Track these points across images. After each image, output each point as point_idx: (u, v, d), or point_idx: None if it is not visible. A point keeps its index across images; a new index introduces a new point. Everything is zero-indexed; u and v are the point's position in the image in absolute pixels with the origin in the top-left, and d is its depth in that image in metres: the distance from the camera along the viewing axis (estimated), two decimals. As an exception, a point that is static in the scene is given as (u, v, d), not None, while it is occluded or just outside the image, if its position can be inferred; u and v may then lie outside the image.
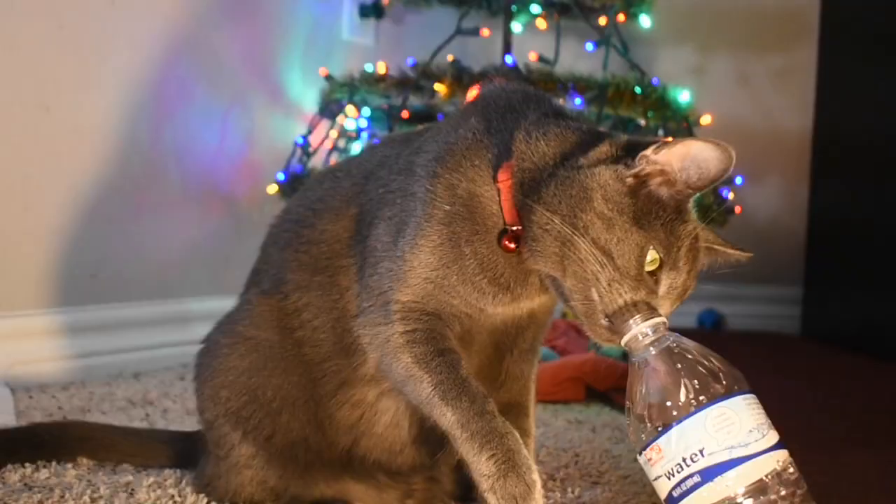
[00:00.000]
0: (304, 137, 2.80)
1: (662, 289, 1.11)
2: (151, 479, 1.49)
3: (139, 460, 1.59)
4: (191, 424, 1.78)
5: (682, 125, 2.71)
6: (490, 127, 1.24)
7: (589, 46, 2.79)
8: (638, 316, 1.06)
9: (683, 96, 2.65)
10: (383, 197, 1.28)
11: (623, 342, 1.08)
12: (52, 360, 2.26)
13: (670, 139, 1.11)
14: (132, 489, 1.45)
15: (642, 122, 2.65)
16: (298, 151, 2.78)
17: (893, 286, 3.07)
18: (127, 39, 2.45)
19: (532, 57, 2.71)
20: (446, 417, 1.17)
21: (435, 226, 1.20)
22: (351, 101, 2.70)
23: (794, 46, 3.73)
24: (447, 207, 1.20)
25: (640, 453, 1.04)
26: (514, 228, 1.18)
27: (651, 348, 1.05)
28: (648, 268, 1.09)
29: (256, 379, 1.33)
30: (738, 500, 0.98)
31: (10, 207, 2.21)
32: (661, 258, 1.10)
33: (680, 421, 1.00)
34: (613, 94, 2.52)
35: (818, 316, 3.55)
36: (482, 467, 1.14)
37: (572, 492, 1.55)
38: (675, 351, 1.05)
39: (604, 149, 1.15)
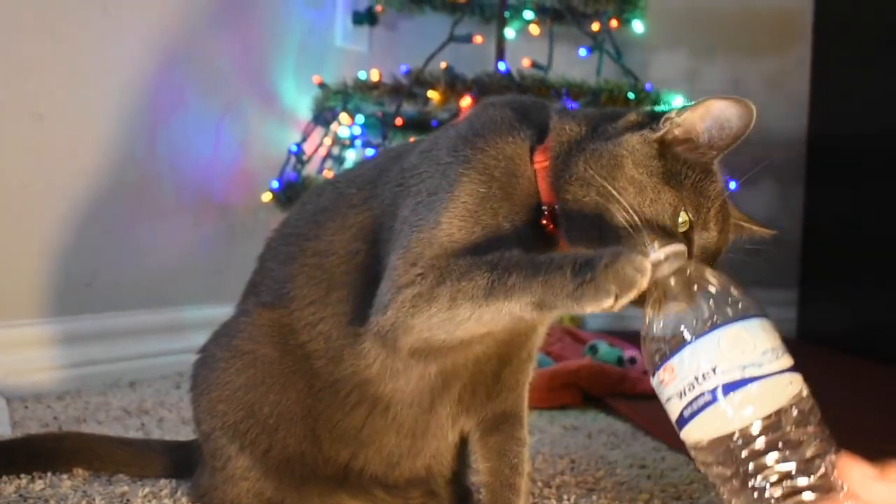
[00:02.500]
0: (298, 145, 2.80)
1: (695, 249, 1.12)
2: (147, 490, 1.49)
3: (135, 470, 1.59)
4: (186, 434, 1.78)
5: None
6: (518, 115, 1.25)
7: (582, 52, 2.80)
8: (656, 243, 1.06)
9: (677, 101, 2.66)
10: (398, 193, 1.26)
11: None
12: (48, 369, 2.26)
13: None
14: (128, 499, 1.45)
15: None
16: (292, 159, 2.79)
17: (889, 288, 3.07)
18: (120, 47, 2.45)
19: (525, 63, 2.71)
20: (511, 300, 1.09)
21: (475, 198, 1.18)
22: (345, 109, 2.71)
23: (788, 50, 3.74)
24: (483, 189, 1.18)
25: (654, 374, 1.03)
26: (553, 207, 1.18)
27: (666, 269, 1.05)
28: (680, 229, 1.11)
29: (254, 395, 1.32)
30: (751, 430, 0.97)
31: (3, 217, 2.21)
32: (690, 219, 1.11)
33: (693, 340, 0.99)
34: (607, 100, 2.52)
35: (814, 319, 3.56)
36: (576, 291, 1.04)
37: (568, 499, 1.55)
38: (691, 274, 1.05)
39: (630, 118, 1.18)
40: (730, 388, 0.97)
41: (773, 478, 0.97)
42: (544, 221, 1.19)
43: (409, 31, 3.21)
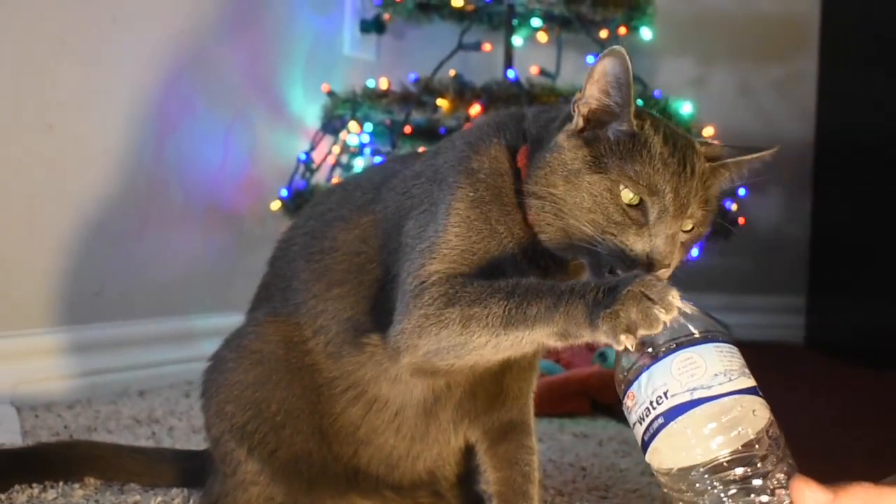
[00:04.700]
0: (307, 153, 2.80)
1: (652, 216, 1.11)
2: (159, 499, 1.49)
3: (146, 479, 1.59)
4: (197, 442, 1.79)
5: (684, 137, 2.71)
6: (503, 124, 1.29)
7: (590, 59, 2.80)
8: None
9: (685, 108, 2.66)
10: (403, 203, 1.29)
11: None
12: (58, 378, 2.26)
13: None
14: (139, 509, 1.45)
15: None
16: (301, 167, 2.79)
17: (897, 295, 3.07)
18: (129, 57, 2.45)
19: (534, 70, 2.72)
20: (533, 330, 1.09)
21: (467, 204, 1.21)
22: (353, 117, 2.71)
23: (795, 56, 3.74)
24: (473, 194, 1.21)
25: (623, 402, 1.03)
26: None
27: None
28: (632, 203, 1.12)
29: (261, 392, 1.34)
30: (705, 454, 0.96)
31: (14, 226, 2.21)
32: (633, 191, 1.12)
33: (649, 366, 0.99)
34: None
35: (822, 326, 3.55)
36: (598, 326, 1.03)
37: (580, 506, 1.55)
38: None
39: (560, 119, 1.21)
40: (678, 411, 0.96)
41: (739, 501, 0.96)
42: (530, 216, 1.20)
43: (416, 40, 3.21)
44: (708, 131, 2.77)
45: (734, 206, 2.75)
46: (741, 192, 2.80)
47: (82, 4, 2.32)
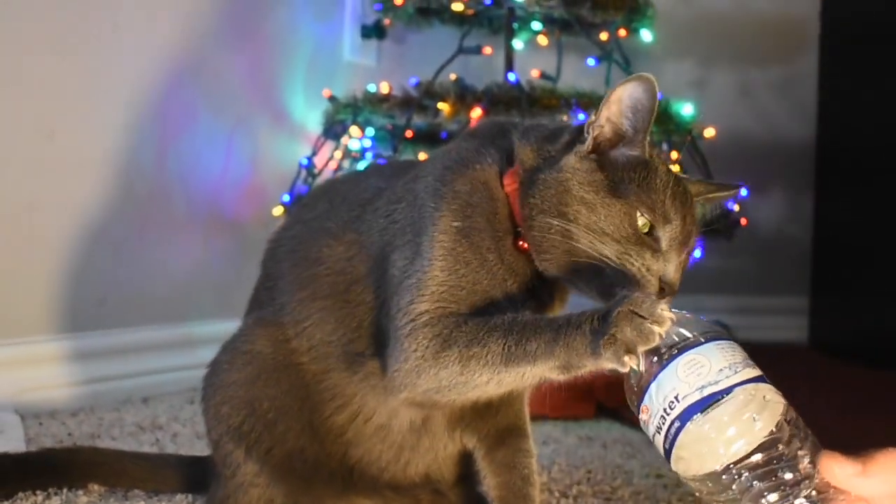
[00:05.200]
0: (309, 159, 2.80)
1: (664, 244, 1.14)
2: (163, 505, 1.49)
3: (150, 486, 1.59)
4: (201, 448, 1.78)
5: (685, 138, 2.71)
6: (487, 142, 1.28)
7: (591, 62, 2.80)
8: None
9: (686, 109, 2.65)
10: (387, 228, 1.28)
11: None
12: (61, 386, 2.26)
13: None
14: (144, 515, 1.45)
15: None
16: (303, 173, 2.78)
17: (901, 295, 3.07)
18: (130, 65, 2.45)
19: (534, 74, 2.71)
20: (535, 365, 1.10)
21: (452, 236, 1.20)
22: (355, 122, 2.70)
23: (796, 57, 3.73)
24: (457, 223, 1.20)
25: (640, 420, 1.04)
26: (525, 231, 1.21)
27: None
28: (642, 231, 1.13)
29: (252, 391, 1.34)
30: (730, 448, 0.96)
31: (15, 235, 2.21)
32: (649, 220, 1.14)
33: (655, 376, 1.00)
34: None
35: (825, 326, 3.54)
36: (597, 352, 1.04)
37: (585, 509, 1.55)
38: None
39: (564, 139, 1.22)
40: (692, 410, 0.97)
41: (771, 495, 0.96)
42: (521, 242, 1.21)
43: (417, 44, 3.21)
44: (709, 132, 2.76)
45: (736, 208, 2.75)
46: (743, 192, 2.79)
47: (83, 11, 2.32)
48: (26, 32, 2.20)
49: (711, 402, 0.96)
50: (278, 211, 2.72)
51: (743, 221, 2.78)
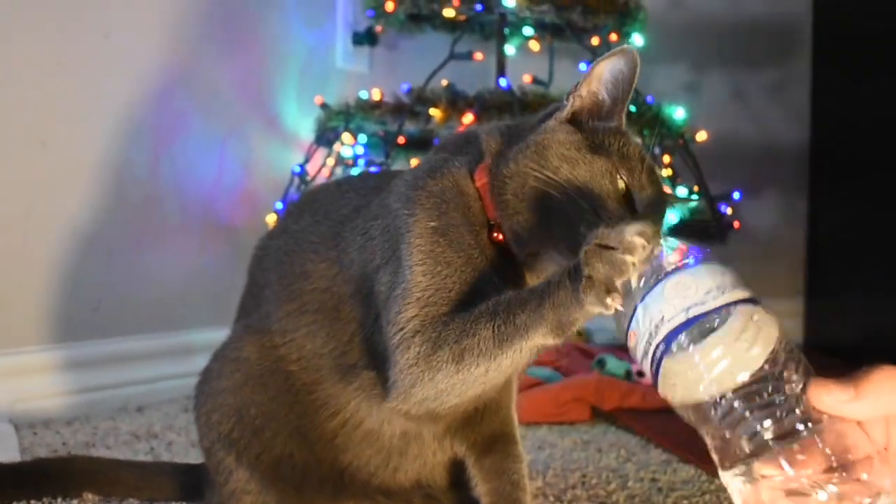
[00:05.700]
0: (302, 166, 2.81)
1: (640, 209, 1.14)
2: (157, 513, 1.49)
3: (145, 494, 1.59)
4: (195, 456, 1.78)
5: (677, 142, 2.72)
6: (456, 151, 1.27)
7: (583, 66, 2.81)
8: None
9: (678, 113, 2.66)
10: (364, 246, 1.27)
11: None
12: (56, 395, 2.26)
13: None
14: (138, 523, 1.45)
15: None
16: (296, 180, 2.79)
17: (895, 296, 3.06)
18: (122, 72, 2.46)
19: (526, 79, 2.72)
20: (528, 335, 1.08)
21: (429, 238, 1.19)
22: (347, 129, 2.71)
23: (788, 60, 3.74)
24: (433, 223, 1.19)
25: (629, 349, 1.00)
26: (498, 222, 1.19)
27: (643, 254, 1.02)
28: (622, 191, 1.13)
29: (241, 397, 1.34)
30: (715, 370, 0.91)
31: (9, 243, 2.21)
32: (627, 183, 1.13)
33: (642, 299, 0.96)
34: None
35: (820, 329, 3.55)
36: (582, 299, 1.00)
37: (580, 513, 1.55)
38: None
39: (545, 111, 1.23)
40: (677, 332, 0.93)
41: (765, 421, 0.92)
42: (496, 234, 1.20)
43: (409, 51, 3.21)
44: (701, 136, 2.77)
45: (729, 210, 2.75)
46: (736, 195, 2.80)
47: (75, 20, 2.32)
48: (18, 41, 2.21)
49: (694, 322, 0.93)
50: (271, 218, 2.72)
51: (736, 225, 2.79)
